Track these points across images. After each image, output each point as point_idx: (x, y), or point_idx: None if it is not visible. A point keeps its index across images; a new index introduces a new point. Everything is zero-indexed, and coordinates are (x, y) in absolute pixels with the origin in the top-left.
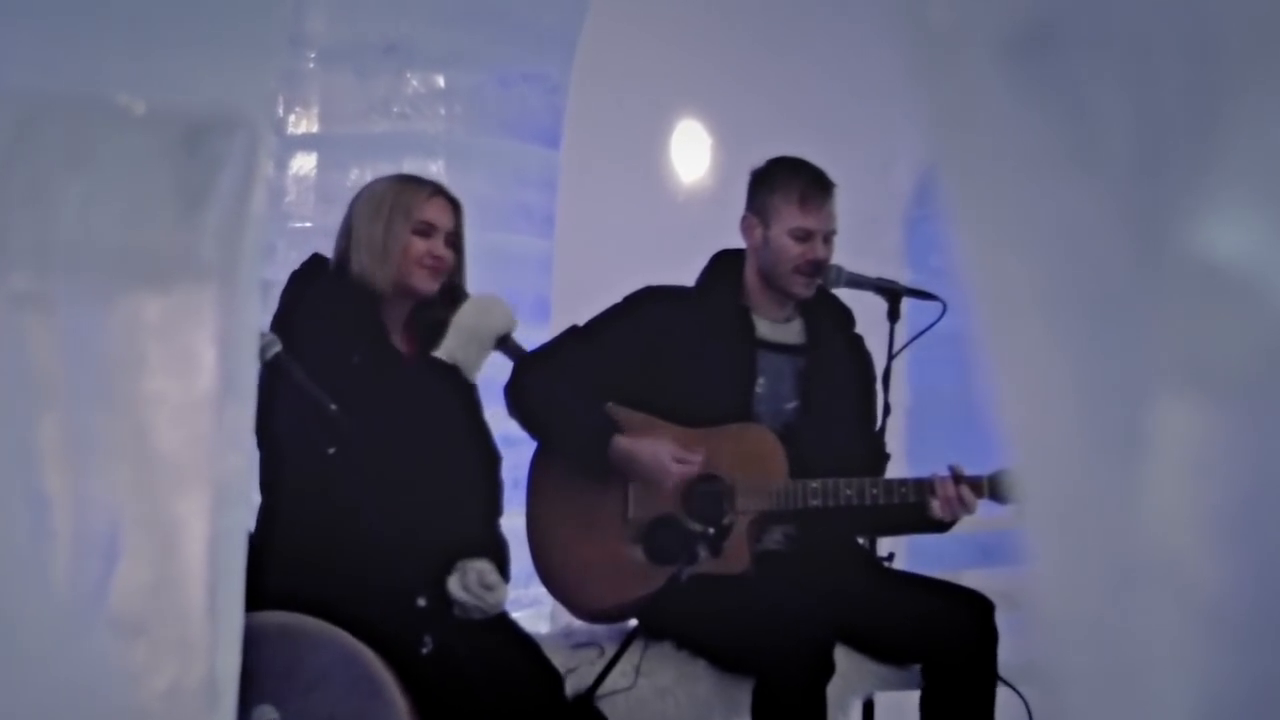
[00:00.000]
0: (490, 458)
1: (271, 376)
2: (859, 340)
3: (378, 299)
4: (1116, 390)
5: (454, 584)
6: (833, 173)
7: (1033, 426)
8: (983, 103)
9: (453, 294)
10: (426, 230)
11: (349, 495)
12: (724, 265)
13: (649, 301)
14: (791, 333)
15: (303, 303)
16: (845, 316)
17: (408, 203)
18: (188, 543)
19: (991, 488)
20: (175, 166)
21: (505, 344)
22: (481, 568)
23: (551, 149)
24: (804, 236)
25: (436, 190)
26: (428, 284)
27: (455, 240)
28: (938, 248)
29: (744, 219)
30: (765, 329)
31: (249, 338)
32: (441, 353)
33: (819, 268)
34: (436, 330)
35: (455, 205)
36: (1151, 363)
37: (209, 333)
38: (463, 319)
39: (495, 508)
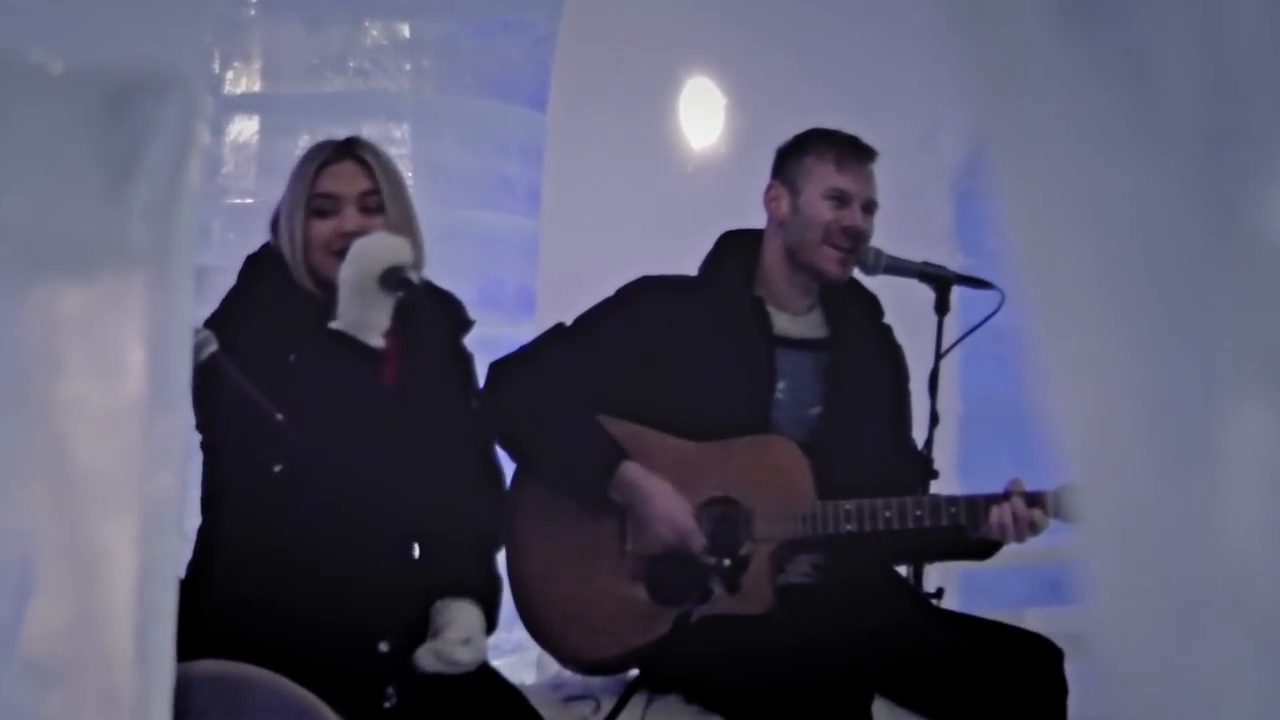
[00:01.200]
0: (484, 464)
1: (206, 380)
2: (888, 332)
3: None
4: (1186, 393)
5: (423, 654)
6: (869, 141)
7: (1092, 435)
8: (1035, 65)
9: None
10: (326, 207)
11: (300, 520)
12: (733, 248)
13: (646, 294)
14: (812, 325)
15: (247, 298)
16: (871, 304)
17: (300, 179)
18: (112, 576)
19: (1059, 504)
20: (98, 135)
21: (394, 280)
22: (460, 617)
23: (536, 111)
24: (840, 198)
25: (337, 151)
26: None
27: (378, 202)
28: (994, 227)
29: (769, 189)
30: (784, 323)
31: (182, 335)
32: (337, 323)
33: (856, 239)
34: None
35: (366, 164)
36: (1225, 361)
37: (137, 329)
38: (343, 273)
39: (485, 530)
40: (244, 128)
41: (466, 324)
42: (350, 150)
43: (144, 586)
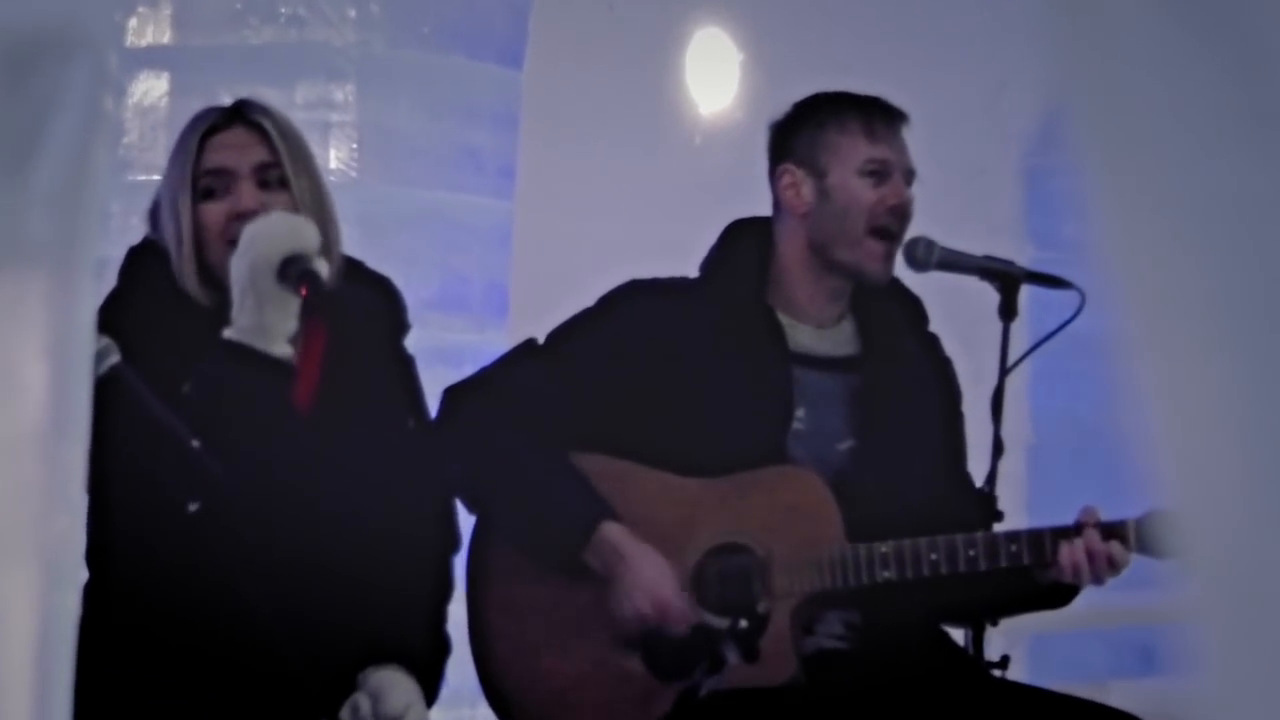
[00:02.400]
0: (430, 498)
1: (106, 400)
2: (934, 343)
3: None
4: None
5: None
6: (916, 106)
7: (1194, 462)
8: (1128, 32)
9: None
10: (216, 185)
11: (219, 571)
12: (741, 243)
13: (634, 303)
14: (840, 340)
15: (128, 304)
16: (913, 309)
17: (182, 154)
18: (9, 636)
19: (1141, 536)
20: None
21: (295, 272)
22: (383, 687)
23: (510, 69)
24: (879, 171)
25: (225, 117)
26: None
27: (279, 176)
28: (1073, 213)
29: (778, 175)
30: (805, 337)
31: (83, 345)
32: (231, 330)
33: (903, 220)
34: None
35: (261, 129)
36: None
37: (38, 339)
38: (234, 266)
39: (436, 577)
40: (151, 88)
41: (404, 324)
42: (240, 114)
43: (43, 650)
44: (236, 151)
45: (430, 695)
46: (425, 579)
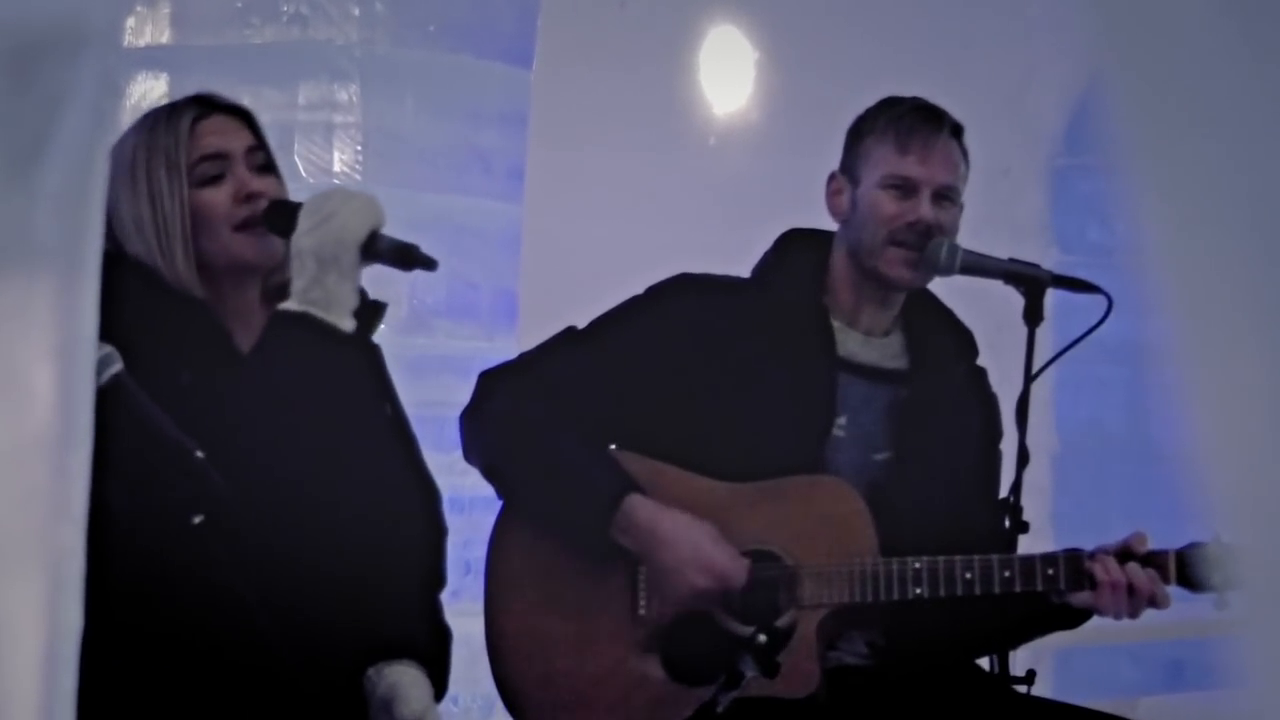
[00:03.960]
0: (419, 481)
1: (107, 408)
2: (981, 376)
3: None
4: None
5: None
6: (938, 101)
7: (1245, 482)
8: (1173, 12)
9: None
10: (213, 171)
11: (223, 582)
12: (797, 249)
13: (683, 296)
14: (889, 351)
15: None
16: (965, 340)
17: (168, 145)
18: (15, 649)
19: (1181, 569)
20: None
21: (376, 249)
22: (408, 689)
23: (519, 68)
24: (902, 187)
25: (203, 107)
26: (256, 247)
27: (267, 160)
28: (1099, 214)
29: (830, 181)
30: (853, 344)
31: (86, 352)
32: (290, 302)
33: (923, 235)
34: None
35: (242, 112)
36: None
37: (45, 344)
38: (300, 240)
39: (427, 568)
40: (149, 89)
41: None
42: (213, 104)
43: (49, 663)
44: (228, 136)
45: (439, 685)
46: (418, 568)
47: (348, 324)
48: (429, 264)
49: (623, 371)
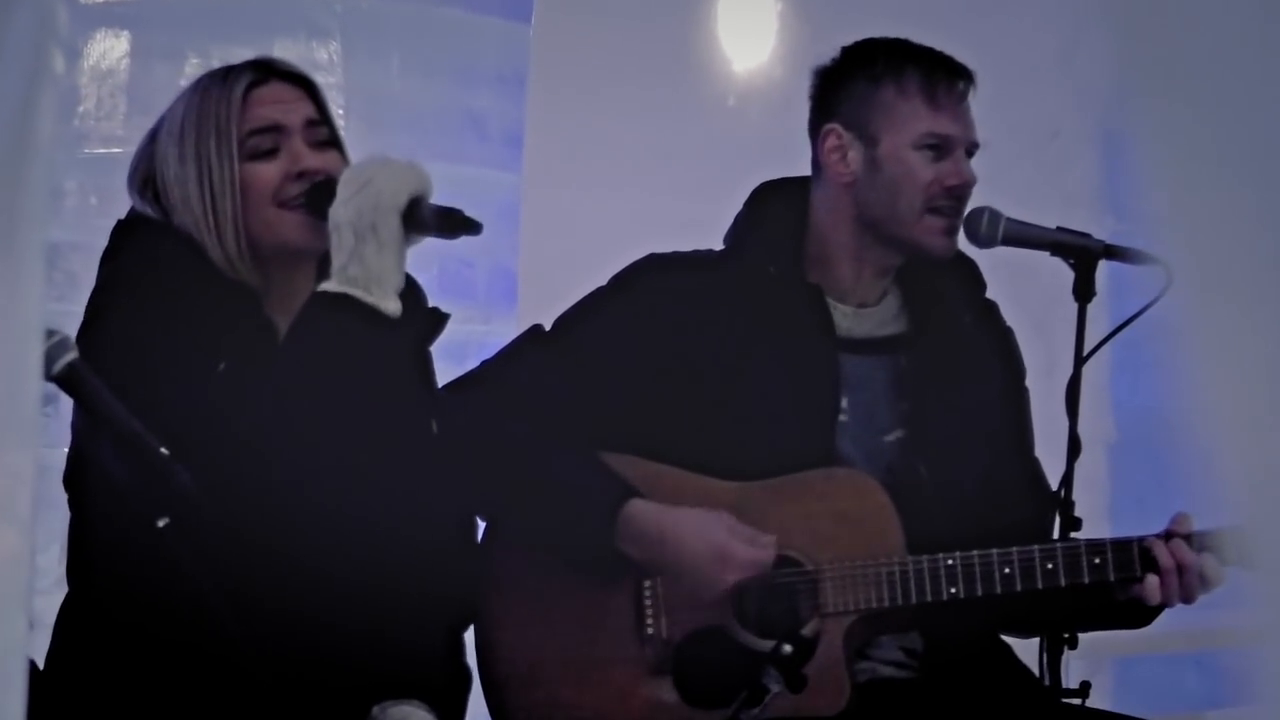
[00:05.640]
0: (450, 500)
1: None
2: (991, 311)
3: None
4: None
5: None
6: (980, 61)
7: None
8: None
9: None
10: (265, 145)
11: (192, 597)
12: (771, 210)
13: (654, 279)
14: (883, 317)
15: (132, 285)
16: (967, 275)
17: (219, 114)
18: None
19: (1238, 546)
20: None
21: (419, 216)
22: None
23: (516, 22)
24: (940, 146)
25: (261, 70)
26: (302, 228)
27: (329, 135)
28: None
29: (822, 136)
30: (847, 318)
31: (32, 343)
32: (330, 282)
33: (961, 200)
34: None
35: (304, 80)
36: None
37: None
38: (336, 212)
39: (454, 601)
40: (109, 49)
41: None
42: (274, 70)
43: None
44: (285, 107)
45: None
46: (445, 601)
47: (392, 305)
48: (474, 227)
49: (599, 371)
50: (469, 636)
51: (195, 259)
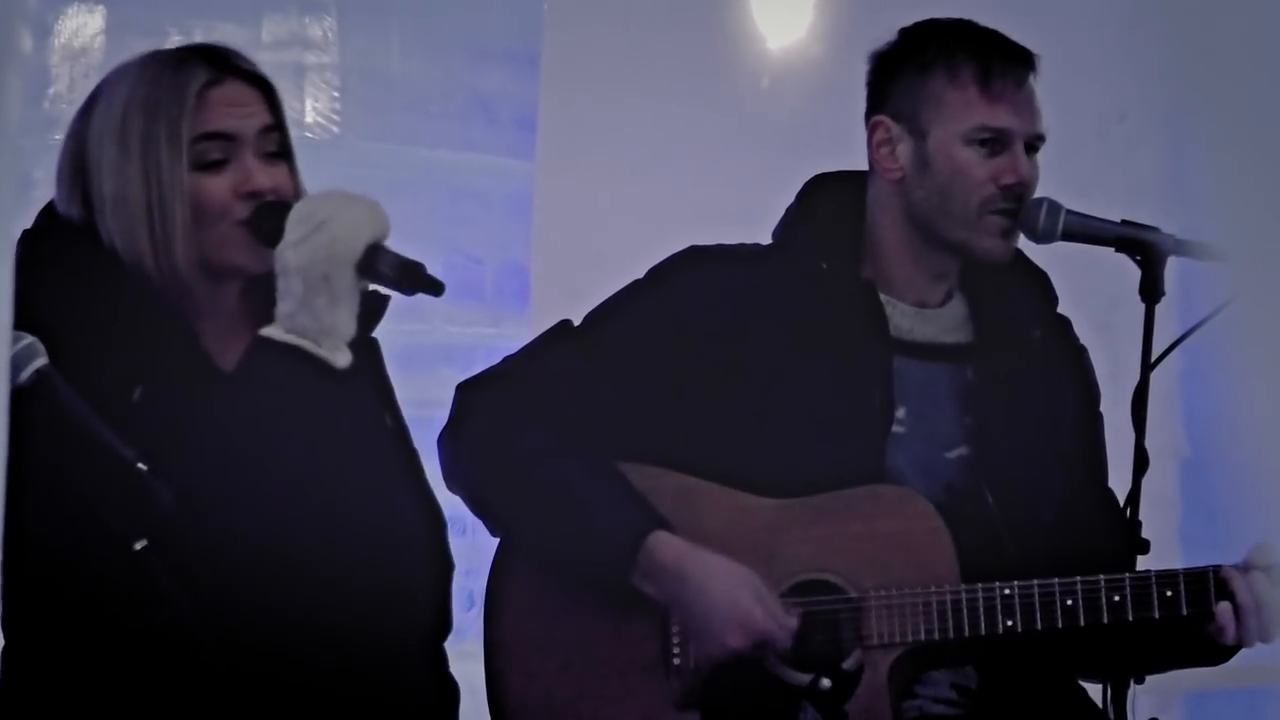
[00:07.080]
0: (423, 509)
1: (30, 412)
2: (1065, 328)
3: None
4: None
5: None
6: (1038, 40)
7: None
8: None
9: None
10: (217, 152)
11: (171, 624)
12: (825, 204)
13: (694, 274)
14: (948, 323)
15: (43, 299)
16: (1039, 287)
17: (171, 111)
18: None
19: None
20: None
21: (375, 267)
22: None
23: None
24: (997, 141)
25: (216, 68)
26: (253, 251)
27: (281, 144)
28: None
29: (873, 127)
30: (905, 319)
31: None
32: (276, 328)
33: (1019, 199)
34: None
35: (261, 81)
36: None
37: None
38: (285, 254)
39: (430, 611)
40: (82, 26)
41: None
42: (231, 66)
43: None
44: (241, 111)
45: None
46: (418, 612)
47: (342, 359)
48: (436, 287)
49: (631, 371)
50: (478, 648)
51: (115, 270)
